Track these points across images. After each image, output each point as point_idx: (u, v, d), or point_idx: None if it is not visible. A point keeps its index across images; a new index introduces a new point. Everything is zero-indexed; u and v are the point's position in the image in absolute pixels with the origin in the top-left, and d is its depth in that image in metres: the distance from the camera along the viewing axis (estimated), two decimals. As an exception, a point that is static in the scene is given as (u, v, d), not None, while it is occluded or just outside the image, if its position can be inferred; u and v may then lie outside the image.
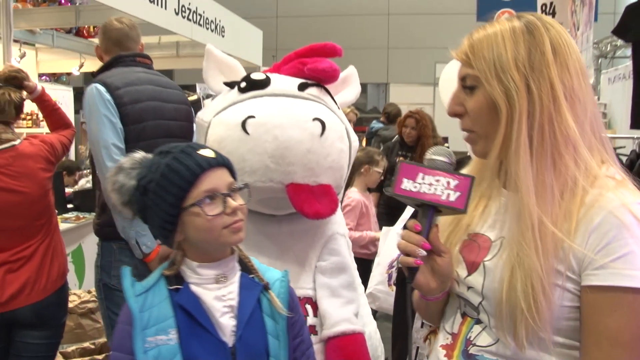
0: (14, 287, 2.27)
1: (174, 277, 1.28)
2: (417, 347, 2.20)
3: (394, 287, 3.01)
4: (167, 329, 1.22)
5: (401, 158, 4.91)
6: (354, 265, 2.06)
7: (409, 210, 3.33)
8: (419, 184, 1.06)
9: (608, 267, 0.95)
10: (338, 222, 2.05)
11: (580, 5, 2.79)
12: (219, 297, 1.27)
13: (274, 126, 1.75)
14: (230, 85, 2.01)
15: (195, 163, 1.23)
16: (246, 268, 1.35)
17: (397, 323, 2.25)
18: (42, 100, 2.63)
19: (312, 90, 1.94)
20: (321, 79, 1.98)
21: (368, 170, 3.81)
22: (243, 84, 1.94)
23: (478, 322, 1.12)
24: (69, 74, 8.35)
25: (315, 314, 1.89)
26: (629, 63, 4.73)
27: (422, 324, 2.20)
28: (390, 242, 3.24)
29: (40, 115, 6.88)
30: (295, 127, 1.76)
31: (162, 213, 1.24)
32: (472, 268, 1.11)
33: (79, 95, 9.99)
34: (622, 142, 4.62)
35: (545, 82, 1.03)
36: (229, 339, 1.25)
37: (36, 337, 2.33)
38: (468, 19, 8.83)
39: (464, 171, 1.24)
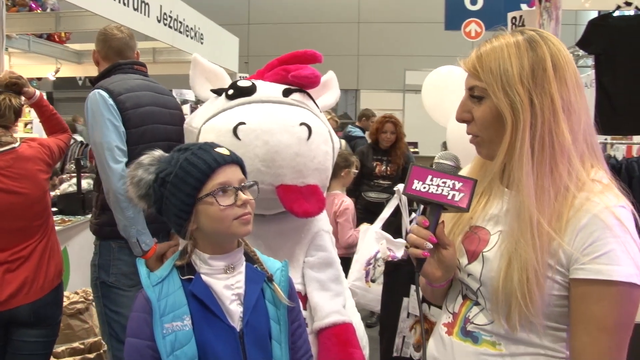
0: (13, 287, 2.31)
1: (185, 267, 1.39)
2: (404, 336, 2.35)
3: (371, 284, 3.16)
4: (182, 316, 1.33)
5: (378, 163, 5.02)
6: (338, 260, 2.18)
7: (386, 211, 3.50)
8: (428, 185, 1.20)
9: (593, 263, 1.08)
10: (322, 220, 2.17)
11: (548, 19, 3.00)
12: (228, 286, 1.38)
13: (263, 132, 1.86)
14: (218, 92, 2.11)
15: (212, 158, 1.36)
16: (250, 259, 1.47)
17: (386, 313, 2.40)
18: (41, 106, 2.70)
19: (296, 96, 2.06)
20: (304, 85, 2.10)
21: (348, 173, 3.98)
22: (230, 91, 2.04)
23: (477, 304, 1.25)
24: (39, 79, 8.28)
25: (305, 307, 1.99)
26: (590, 72, 4.97)
27: (408, 314, 2.35)
28: (368, 241, 3.37)
29: (15, 120, 6.88)
30: (283, 132, 1.87)
31: (178, 203, 1.35)
32: (472, 257, 1.25)
33: (50, 101, 9.90)
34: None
35: (547, 97, 1.15)
36: (237, 324, 1.37)
37: (33, 336, 2.36)
38: (436, 28, 9.10)
39: (467, 168, 1.39)
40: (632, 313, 1.11)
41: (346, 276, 3.26)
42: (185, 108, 3.55)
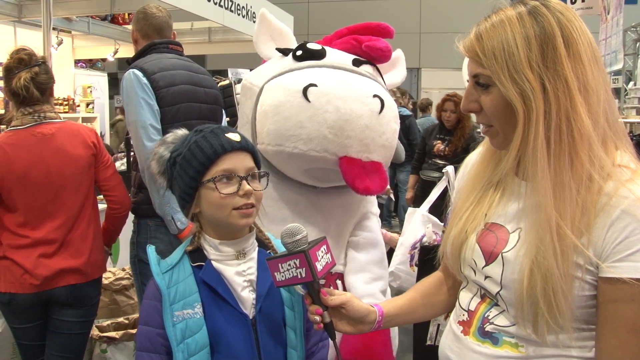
0: (50, 270, 2.28)
1: (196, 254, 1.36)
2: (438, 325, 2.26)
3: (416, 268, 3.06)
4: (193, 303, 1.30)
5: (439, 142, 4.97)
6: (383, 244, 2.07)
7: (434, 193, 3.37)
8: (285, 271, 1.22)
9: (626, 261, 0.98)
10: (371, 202, 2.08)
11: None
12: (240, 272, 1.35)
13: (335, 97, 1.73)
14: (284, 52, 1.98)
15: (219, 143, 1.31)
16: (263, 244, 1.43)
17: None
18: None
19: (367, 68, 1.93)
20: (375, 58, 1.97)
21: None
22: (299, 52, 1.91)
23: (496, 305, 1.15)
24: (104, 60, 8.53)
25: (345, 290, 1.92)
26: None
27: (444, 302, 2.25)
28: (414, 224, 3.26)
29: (77, 100, 7.11)
30: (356, 101, 1.74)
31: (183, 184, 1.33)
32: (490, 258, 1.13)
33: (113, 81, 10.23)
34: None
35: (561, 80, 1.02)
36: (249, 311, 1.33)
37: (71, 315, 2.38)
38: (509, 2, 8.67)
39: (475, 154, 1.29)
40: None
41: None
42: (239, 88, 3.53)
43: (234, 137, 1.35)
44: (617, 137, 1.07)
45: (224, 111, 2.84)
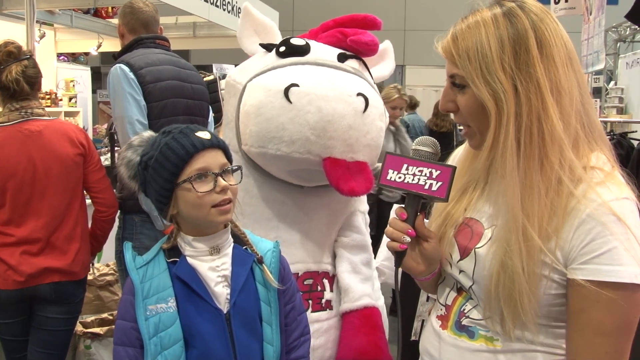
0: (33, 268, 2.27)
1: (172, 250, 1.38)
2: (423, 320, 2.28)
3: (401, 264, 3.08)
4: (166, 298, 1.33)
5: None
6: (370, 242, 2.07)
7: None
8: (404, 174, 1.13)
9: (591, 263, 1.00)
10: (360, 199, 2.05)
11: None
12: (213, 267, 1.37)
13: (317, 97, 1.69)
14: (267, 47, 1.94)
15: (190, 143, 1.33)
16: (239, 240, 1.44)
17: (404, 296, 2.33)
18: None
19: (352, 63, 1.90)
20: (361, 52, 1.94)
21: None
22: (282, 48, 1.88)
23: (471, 298, 1.17)
24: (87, 54, 8.43)
25: (332, 289, 1.92)
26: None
27: (428, 297, 2.27)
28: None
29: (60, 94, 7.03)
30: (339, 101, 1.71)
31: (158, 187, 1.34)
32: (464, 253, 1.16)
33: (96, 75, 10.11)
34: (638, 127, 4.62)
35: (532, 81, 1.04)
36: (223, 306, 1.36)
37: (56, 312, 2.38)
38: (486, 3, 8.74)
39: (458, 153, 1.29)
40: (633, 316, 1.02)
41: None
42: (224, 83, 3.52)
43: (203, 135, 1.36)
44: (593, 139, 1.09)
45: (210, 107, 2.84)
